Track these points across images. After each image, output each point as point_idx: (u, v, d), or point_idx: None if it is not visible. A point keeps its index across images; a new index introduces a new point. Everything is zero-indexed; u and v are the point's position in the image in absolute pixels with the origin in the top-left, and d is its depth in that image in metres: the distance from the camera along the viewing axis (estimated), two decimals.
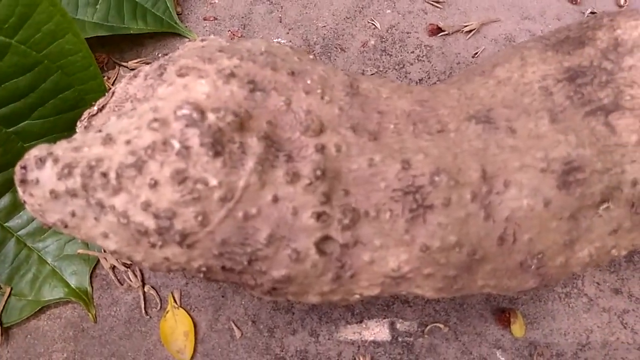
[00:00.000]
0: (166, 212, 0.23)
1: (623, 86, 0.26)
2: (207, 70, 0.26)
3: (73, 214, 0.24)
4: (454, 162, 0.25)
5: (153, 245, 0.24)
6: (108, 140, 0.24)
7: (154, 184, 0.23)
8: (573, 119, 0.26)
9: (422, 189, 0.24)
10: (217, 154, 0.23)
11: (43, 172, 0.24)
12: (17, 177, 0.24)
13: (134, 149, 0.23)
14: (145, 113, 0.24)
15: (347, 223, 0.24)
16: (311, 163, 0.24)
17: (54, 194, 0.24)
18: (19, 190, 0.25)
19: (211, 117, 0.23)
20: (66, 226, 0.25)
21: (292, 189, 0.24)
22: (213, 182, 0.23)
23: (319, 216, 0.24)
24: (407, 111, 0.27)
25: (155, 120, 0.23)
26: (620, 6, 0.45)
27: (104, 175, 0.23)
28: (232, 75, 0.25)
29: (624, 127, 0.26)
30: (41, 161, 0.24)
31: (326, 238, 0.24)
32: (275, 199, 0.24)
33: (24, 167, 0.24)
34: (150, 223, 0.23)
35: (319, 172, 0.24)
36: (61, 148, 0.24)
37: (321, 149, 0.25)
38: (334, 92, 0.27)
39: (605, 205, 0.26)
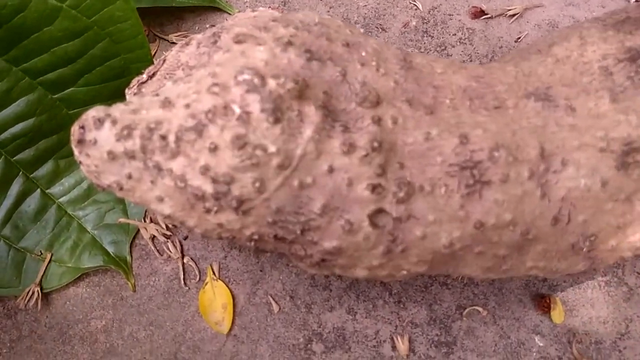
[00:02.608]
0: (224, 177, 0.23)
1: None
2: (264, 38, 0.25)
3: (129, 176, 0.24)
4: (513, 139, 0.25)
5: (208, 211, 0.24)
6: (167, 103, 0.24)
7: (214, 148, 0.22)
8: (634, 99, 0.26)
9: (480, 165, 0.24)
10: (276, 121, 0.23)
11: (101, 132, 0.24)
12: (74, 137, 0.24)
13: (193, 112, 0.23)
14: (203, 78, 0.24)
15: (402, 196, 0.24)
16: (368, 134, 0.24)
17: (112, 155, 0.24)
18: (75, 150, 0.24)
19: (271, 83, 0.23)
20: (121, 188, 0.25)
21: (347, 159, 0.24)
22: (272, 148, 0.23)
23: (374, 188, 0.24)
24: (463, 86, 0.27)
25: (215, 84, 0.23)
26: None
27: (163, 138, 0.23)
28: (290, 43, 0.25)
29: None
30: (100, 122, 0.24)
31: (380, 211, 0.24)
32: (331, 169, 0.24)
33: (82, 127, 0.24)
34: (207, 187, 0.23)
35: (375, 144, 0.24)
36: (119, 110, 0.24)
37: (378, 120, 0.24)
38: (388, 65, 0.27)
39: None
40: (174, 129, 0.23)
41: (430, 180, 0.25)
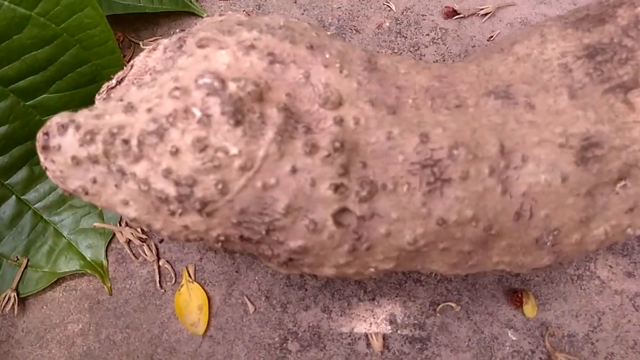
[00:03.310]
0: (187, 180, 0.23)
1: None
2: (227, 42, 0.26)
3: (94, 181, 0.24)
4: (473, 137, 0.25)
5: (173, 213, 0.24)
6: (129, 108, 0.24)
7: (176, 152, 0.23)
8: (592, 96, 0.26)
9: (440, 163, 0.25)
10: (237, 123, 0.23)
11: (65, 138, 0.24)
12: (39, 144, 0.25)
13: (155, 116, 0.23)
14: (166, 82, 0.25)
15: (365, 195, 0.24)
16: (330, 135, 0.24)
17: (76, 160, 0.24)
18: (41, 156, 0.25)
19: (232, 86, 0.23)
20: (87, 193, 0.25)
21: (310, 160, 0.24)
22: (233, 150, 0.23)
23: (336, 188, 0.24)
24: (426, 86, 0.27)
25: (177, 89, 0.24)
26: None
27: (126, 142, 0.23)
28: (252, 47, 0.25)
29: None
30: (63, 127, 0.24)
31: (343, 210, 0.25)
32: (294, 170, 0.24)
33: (46, 134, 0.24)
34: (170, 190, 0.23)
35: (337, 144, 0.24)
36: (83, 115, 0.24)
37: (340, 121, 0.25)
38: (352, 67, 0.27)
39: (622, 183, 0.26)
40: (136, 133, 0.23)
41: (392, 178, 0.25)
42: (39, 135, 0.25)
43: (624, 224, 0.28)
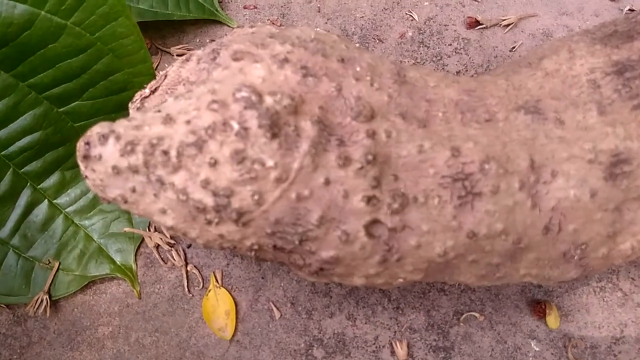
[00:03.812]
0: (224, 191, 0.23)
1: None
2: (261, 55, 0.26)
3: (133, 190, 0.25)
4: (503, 151, 0.26)
5: (209, 222, 0.25)
6: (168, 119, 0.25)
7: (214, 163, 0.23)
8: (621, 112, 0.26)
9: (472, 176, 0.25)
10: (274, 136, 0.24)
11: (106, 148, 0.24)
12: (79, 153, 0.25)
13: (194, 128, 0.24)
14: (203, 94, 0.25)
15: (396, 207, 0.25)
16: (362, 148, 0.25)
17: (116, 170, 0.24)
18: (81, 165, 0.25)
19: (268, 100, 0.24)
20: (126, 201, 0.25)
21: (343, 172, 0.25)
22: (270, 162, 0.23)
23: (369, 200, 0.25)
24: (455, 100, 0.28)
25: (214, 101, 0.24)
26: None
27: (165, 153, 0.24)
28: (286, 60, 0.26)
29: None
30: (104, 138, 0.25)
31: (375, 221, 0.25)
32: (327, 182, 0.24)
33: (88, 143, 0.25)
34: (208, 200, 0.24)
35: (370, 157, 0.25)
36: (122, 126, 0.25)
37: (372, 134, 0.25)
38: (382, 80, 0.28)
39: None
40: (175, 144, 0.24)
41: (423, 191, 0.25)
42: (80, 144, 0.25)
43: None
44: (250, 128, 0.23)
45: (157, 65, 0.43)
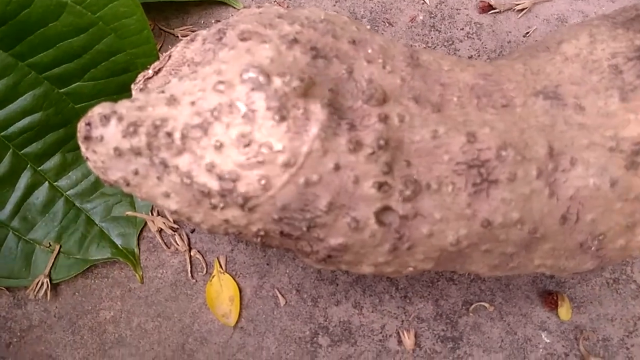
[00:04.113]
0: (230, 174, 0.23)
1: None
2: (269, 35, 0.25)
3: (136, 172, 0.24)
4: (521, 137, 0.25)
5: (214, 207, 0.24)
6: (172, 100, 0.24)
7: (219, 146, 0.22)
8: None
9: (488, 163, 0.24)
10: (282, 119, 0.23)
11: (108, 129, 0.24)
12: (80, 134, 0.24)
13: (199, 110, 0.23)
14: (209, 75, 0.24)
15: (408, 194, 0.24)
16: (374, 132, 0.24)
17: (118, 152, 0.24)
18: (82, 147, 0.25)
19: (277, 81, 0.23)
20: (128, 184, 0.25)
21: (354, 157, 0.24)
22: (278, 146, 0.22)
23: (380, 186, 0.24)
24: (470, 84, 0.27)
25: (221, 82, 0.23)
26: None
27: (169, 135, 0.23)
28: (295, 41, 0.25)
29: None
30: (106, 118, 0.24)
31: (386, 208, 0.24)
32: (337, 167, 0.23)
33: (89, 124, 0.24)
34: (213, 184, 0.23)
35: (381, 142, 0.24)
36: (125, 106, 0.24)
37: (384, 118, 0.24)
38: (395, 62, 0.27)
39: None
40: (179, 126, 0.23)
41: (437, 178, 0.24)
42: (81, 125, 0.24)
43: None
44: (257, 110, 0.22)
45: (161, 47, 0.42)
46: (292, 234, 0.25)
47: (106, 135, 0.24)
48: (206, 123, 0.23)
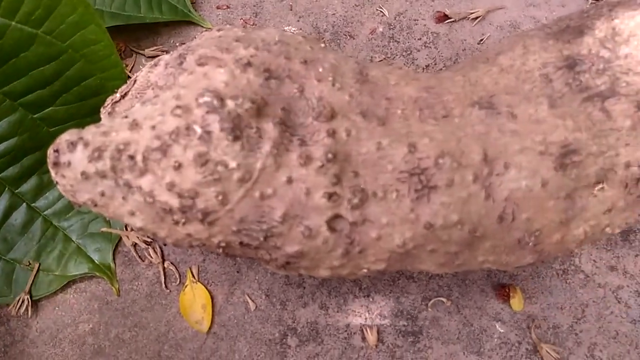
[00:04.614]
0: (189, 192, 0.25)
1: (619, 73, 0.27)
2: (225, 60, 0.27)
3: (102, 194, 0.26)
4: (458, 146, 0.27)
5: (177, 223, 0.26)
6: (134, 125, 0.26)
7: (178, 166, 0.24)
8: (571, 105, 0.28)
9: (427, 171, 0.26)
10: (236, 138, 0.25)
11: (74, 155, 0.25)
12: (50, 160, 0.26)
13: (159, 133, 0.25)
14: (168, 100, 0.26)
15: (357, 202, 0.26)
16: (323, 147, 0.26)
17: (85, 175, 0.25)
18: (52, 172, 0.26)
19: (230, 104, 0.25)
20: (96, 205, 0.26)
21: (305, 170, 0.26)
22: (232, 164, 0.24)
23: (330, 196, 0.26)
24: (414, 97, 0.29)
25: (178, 107, 0.25)
26: None
27: (132, 158, 0.25)
28: (249, 64, 0.27)
29: (619, 112, 0.27)
30: (72, 145, 0.26)
31: (337, 216, 0.26)
32: (290, 180, 0.25)
33: (57, 151, 0.26)
34: (174, 202, 0.25)
35: (330, 155, 0.26)
36: (90, 132, 0.26)
37: (332, 133, 0.26)
38: (344, 80, 0.29)
39: (600, 186, 0.28)
40: (141, 149, 0.25)
41: (382, 186, 0.27)
42: (50, 152, 0.26)
43: (603, 223, 0.29)
44: (212, 132, 0.24)
45: (132, 67, 0.44)
46: (251, 244, 0.27)
47: (73, 160, 0.25)
48: (165, 145, 0.25)
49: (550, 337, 0.35)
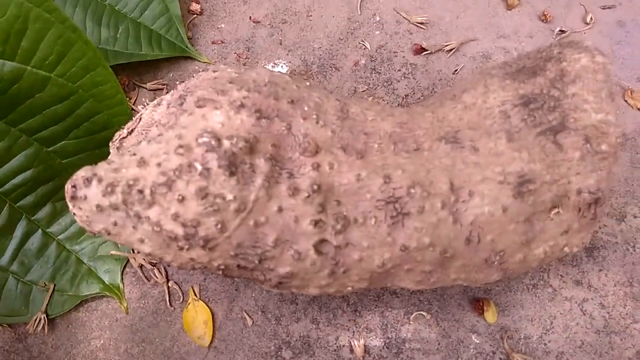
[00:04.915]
0: (192, 222, 0.28)
1: (568, 110, 0.31)
2: (220, 102, 0.31)
3: (115, 224, 0.29)
4: (427, 177, 0.30)
5: (181, 249, 0.29)
6: (142, 162, 0.29)
7: (182, 199, 0.28)
8: (526, 139, 0.31)
9: (401, 199, 0.30)
10: (232, 174, 0.28)
11: (90, 190, 0.29)
12: (67, 194, 0.30)
13: (164, 170, 0.28)
14: (171, 139, 0.30)
15: (340, 228, 0.30)
16: (309, 179, 0.29)
17: (99, 208, 0.29)
18: (70, 204, 0.30)
19: (226, 143, 0.28)
20: (109, 233, 0.30)
21: (293, 200, 0.29)
22: (229, 196, 0.28)
23: (316, 223, 0.29)
24: (389, 132, 0.33)
25: (181, 146, 0.29)
26: (587, 23, 0.50)
27: (140, 192, 0.28)
28: (242, 105, 0.30)
29: (569, 144, 0.31)
30: (88, 181, 0.29)
31: (322, 241, 0.30)
32: (280, 209, 0.29)
33: (74, 186, 0.29)
34: (179, 230, 0.28)
35: (315, 187, 0.29)
36: (103, 169, 0.29)
37: (317, 167, 0.30)
38: (327, 117, 0.32)
39: (555, 210, 0.31)
40: (149, 184, 0.28)
41: (362, 213, 0.30)
42: (68, 187, 0.30)
43: (561, 243, 0.33)
44: (211, 168, 0.28)
45: (135, 100, 0.47)
46: (247, 267, 0.30)
47: (89, 194, 0.29)
48: (170, 181, 0.28)
49: (521, 347, 0.38)
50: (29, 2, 0.33)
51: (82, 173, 0.29)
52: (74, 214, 0.30)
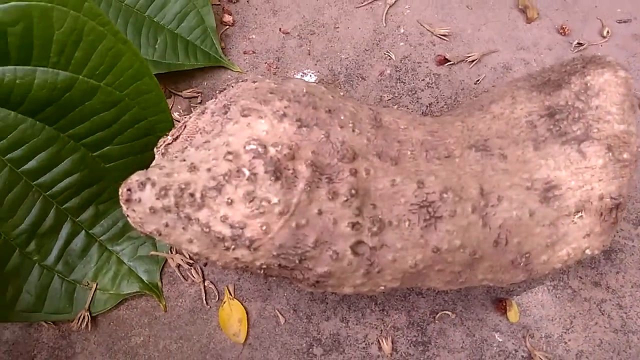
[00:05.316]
0: (239, 224, 0.30)
1: (592, 121, 0.33)
2: (264, 111, 0.32)
3: (166, 225, 0.31)
4: (458, 182, 0.32)
5: (227, 249, 0.31)
6: (193, 168, 0.31)
7: (230, 202, 0.30)
8: (552, 147, 0.33)
9: (434, 204, 0.32)
10: (277, 179, 0.30)
11: (144, 193, 0.31)
12: (122, 197, 0.31)
13: (214, 175, 0.30)
14: (219, 146, 0.32)
15: (375, 230, 0.31)
16: (347, 184, 0.31)
17: (152, 210, 0.31)
18: (124, 207, 0.32)
19: (272, 150, 0.30)
20: (160, 234, 0.32)
21: (332, 204, 0.31)
22: (274, 200, 0.30)
23: (353, 225, 0.31)
24: (421, 140, 0.34)
25: (229, 153, 0.31)
26: (603, 37, 0.52)
27: (192, 195, 0.30)
28: (284, 115, 0.32)
29: (592, 153, 0.33)
30: (142, 185, 0.31)
31: (359, 242, 0.31)
32: (320, 212, 0.31)
33: (129, 190, 0.31)
34: (227, 232, 0.30)
35: (353, 191, 0.31)
36: (155, 174, 0.31)
37: (354, 172, 0.32)
38: (362, 125, 0.34)
39: (579, 215, 0.33)
40: (199, 188, 0.30)
41: (397, 216, 0.32)
42: (123, 190, 0.31)
43: (583, 246, 0.34)
44: (258, 174, 0.30)
45: (172, 106, 0.50)
46: (288, 266, 0.32)
47: (143, 197, 0.31)
48: (220, 185, 0.30)
49: (542, 345, 0.40)
50: (85, 16, 0.35)
51: (136, 177, 0.31)
52: (128, 215, 0.32)
